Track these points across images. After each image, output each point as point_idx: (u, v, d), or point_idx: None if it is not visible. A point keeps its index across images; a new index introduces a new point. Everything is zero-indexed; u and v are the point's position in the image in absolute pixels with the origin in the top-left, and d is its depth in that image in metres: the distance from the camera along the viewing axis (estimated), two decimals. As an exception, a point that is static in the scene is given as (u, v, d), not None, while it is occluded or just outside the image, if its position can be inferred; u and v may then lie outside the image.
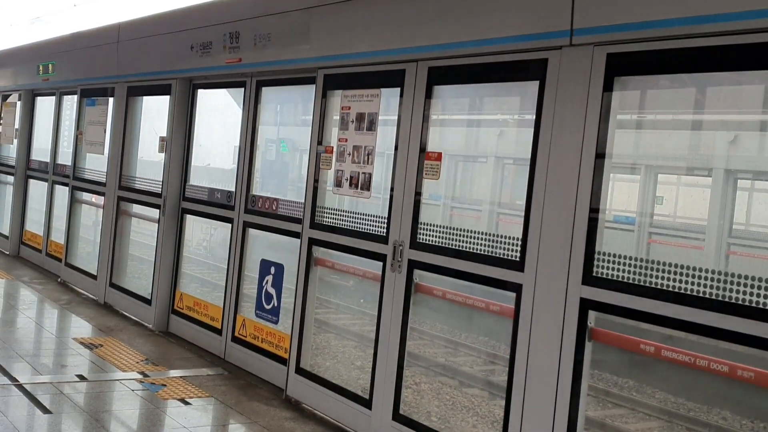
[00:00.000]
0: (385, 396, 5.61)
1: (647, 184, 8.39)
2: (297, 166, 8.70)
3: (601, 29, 4.31)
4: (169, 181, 8.61)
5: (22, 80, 13.24)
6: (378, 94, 5.92)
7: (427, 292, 5.64)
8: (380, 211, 5.85)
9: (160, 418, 5.96)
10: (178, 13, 8.73)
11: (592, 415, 6.73)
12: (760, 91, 4.56)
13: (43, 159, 12.58)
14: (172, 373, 7.05)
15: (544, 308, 4.53)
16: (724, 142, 7.77)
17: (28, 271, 11.69)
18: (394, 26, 5.79)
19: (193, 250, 9.90)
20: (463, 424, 5.95)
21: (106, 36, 10.13)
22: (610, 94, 4.28)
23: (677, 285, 3.92)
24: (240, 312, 7.52)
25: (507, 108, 6.85)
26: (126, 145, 9.72)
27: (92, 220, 11.10)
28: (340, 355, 7.07)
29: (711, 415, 6.93)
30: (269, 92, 7.60)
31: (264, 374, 7.04)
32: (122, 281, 9.69)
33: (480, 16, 5.10)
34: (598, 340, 4.40)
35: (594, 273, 4.28)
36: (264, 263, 7.22)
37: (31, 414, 5.81)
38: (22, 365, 6.89)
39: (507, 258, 4.81)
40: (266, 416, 6.11)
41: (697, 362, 4.02)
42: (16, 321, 8.59)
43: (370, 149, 5.93)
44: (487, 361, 7.62)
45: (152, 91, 9.31)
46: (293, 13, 6.78)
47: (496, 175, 8.95)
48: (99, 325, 8.68)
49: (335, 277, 7.35)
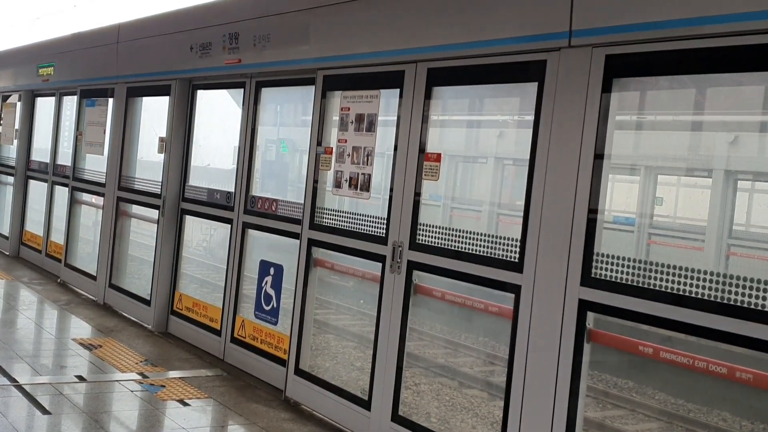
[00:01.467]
0: (384, 397, 5.61)
1: (647, 185, 8.37)
2: (296, 167, 8.70)
3: (599, 31, 4.31)
4: (168, 182, 8.61)
5: (22, 81, 13.25)
6: (377, 95, 5.92)
7: (426, 293, 5.63)
8: (380, 212, 5.84)
9: (159, 419, 5.96)
10: (177, 13, 8.73)
11: (591, 415, 6.73)
12: (760, 92, 4.56)
13: (43, 159, 12.58)
14: (171, 374, 7.05)
15: (542, 309, 4.53)
16: (724, 143, 7.76)
17: (27, 272, 11.69)
18: (393, 27, 5.79)
19: (193, 250, 9.90)
20: (462, 425, 5.95)
21: (106, 37, 10.13)
22: (609, 95, 4.28)
23: (677, 286, 3.92)
24: (239, 313, 7.52)
25: (507, 109, 6.85)
26: (125, 145, 9.73)
27: (92, 220, 11.09)
28: (340, 356, 7.07)
29: (711, 417, 6.92)
30: (269, 93, 7.60)
31: (263, 375, 7.04)
32: (122, 282, 9.69)
33: (479, 17, 5.10)
34: (596, 342, 4.39)
35: (593, 274, 4.28)
36: (263, 264, 7.22)
37: (31, 415, 5.81)
38: (21, 366, 6.89)
39: (506, 259, 4.81)
40: (265, 417, 6.11)
41: (696, 364, 4.02)
42: (15, 321, 8.59)
43: (370, 150, 5.93)
44: (486, 362, 7.62)
45: (152, 92, 9.31)
46: (293, 14, 6.79)
47: (496, 176, 8.94)
48: (98, 325, 8.68)
49: (335, 277, 7.34)
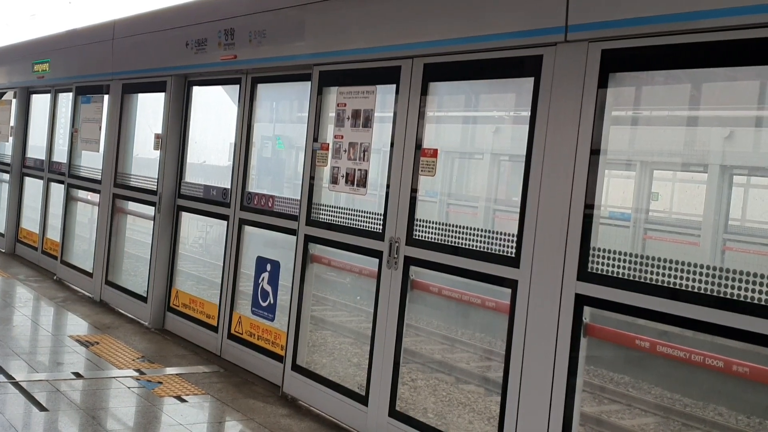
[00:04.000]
0: (381, 392, 5.61)
1: (643, 180, 8.38)
2: (293, 163, 8.69)
3: (595, 25, 4.31)
4: (164, 179, 8.61)
5: (18, 78, 13.22)
6: (374, 91, 5.91)
7: (423, 289, 5.64)
8: (376, 207, 5.84)
9: (157, 415, 5.96)
10: (173, 10, 8.72)
11: (588, 410, 6.74)
12: (755, 87, 4.56)
13: (38, 157, 12.57)
14: (168, 370, 7.05)
15: (539, 304, 4.53)
16: (720, 137, 7.77)
17: (24, 269, 11.68)
18: (389, 23, 5.79)
19: (189, 247, 9.89)
20: (459, 420, 5.96)
21: (102, 33, 10.11)
22: (605, 90, 4.29)
23: (673, 281, 3.93)
24: (236, 309, 7.51)
25: (503, 104, 6.85)
26: (121, 142, 9.71)
27: (88, 217, 11.08)
28: (337, 352, 7.08)
29: (707, 411, 6.94)
30: (265, 89, 7.59)
31: (260, 371, 7.04)
32: (118, 279, 9.68)
33: (475, 12, 5.09)
34: (593, 336, 4.40)
35: (589, 269, 4.28)
36: (260, 260, 7.22)
37: (28, 412, 5.80)
38: (18, 363, 6.88)
39: (502, 254, 4.82)
40: (262, 413, 6.11)
41: (692, 358, 4.03)
42: (12, 319, 8.58)
43: (366, 146, 5.93)
44: (483, 358, 7.63)
45: (147, 89, 9.30)
46: (288, 9, 6.78)
47: (493, 172, 8.95)
48: (95, 322, 8.67)
49: (332, 274, 7.35)
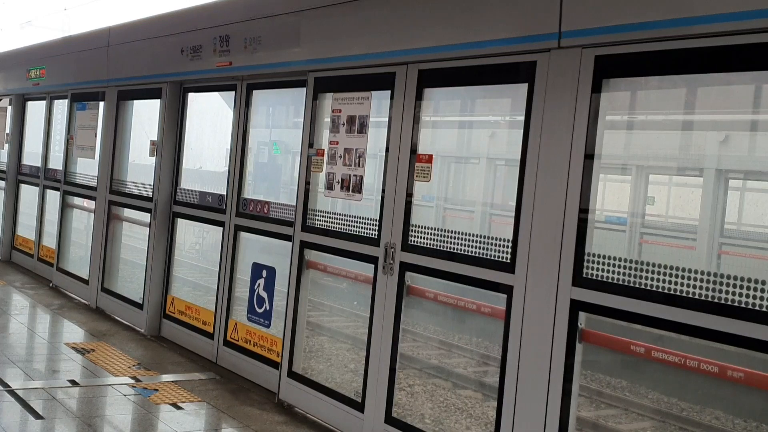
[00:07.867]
0: (377, 399, 5.61)
1: (638, 184, 8.40)
2: (288, 169, 8.69)
3: (589, 32, 4.32)
4: (160, 185, 8.60)
5: (13, 85, 13.21)
6: (368, 97, 5.92)
7: (419, 295, 5.63)
8: (372, 213, 5.84)
9: (153, 422, 5.95)
10: (168, 16, 8.72)
11: (585, 415, 6.74)
12: (749, 92, 4.57)
13: (34, 164, 12.55)
14: (164, 377, 7.04)
15: (534, 310, 4.53)
16: (715, 142, 7.79)
17: (19, 276, 11.66)
18: (384, 29, 5.79)
19: (185, 254, 9.88)
20: (456, 425, 5.95)
21: (97, 40, 10.11)
22: (599, 95, 4.29)
23: (669, 286, 3.93)
24: (232, 316, 7.51)
25: (498, 110, 6.86)
26: (117, 149, 9.70)
27: (84, 224, 11.07)
28: (333, 359, 7.07)
29: (704, 415, 6.94)
30: (260, 95, 7.59)
31: (256, 378, 7.03)
32: (114, 286, 9.66)
33: (469, 19, 5.10)
34: (588, 342, 4.40)
35: (584, 274, 4.28)
36: (256, 266, 7.21)
37: (24, 420, 5.79)
38: (14, 371, 6.86)
39: (498, 260, 4.82)
40: (258, 420, 6.10)
41: (687, 363, 4.03)
42: (8, 326, 8.55)
43: (361, 152, 5.93)
44: (480, 363, 7.63)
45: (143, 95, 9.30)
46: (283, 16, 6.78)
47: (488, 177, 8.95)
48: (91, 329, 8.66)
49: (327, 279, 7.34)
